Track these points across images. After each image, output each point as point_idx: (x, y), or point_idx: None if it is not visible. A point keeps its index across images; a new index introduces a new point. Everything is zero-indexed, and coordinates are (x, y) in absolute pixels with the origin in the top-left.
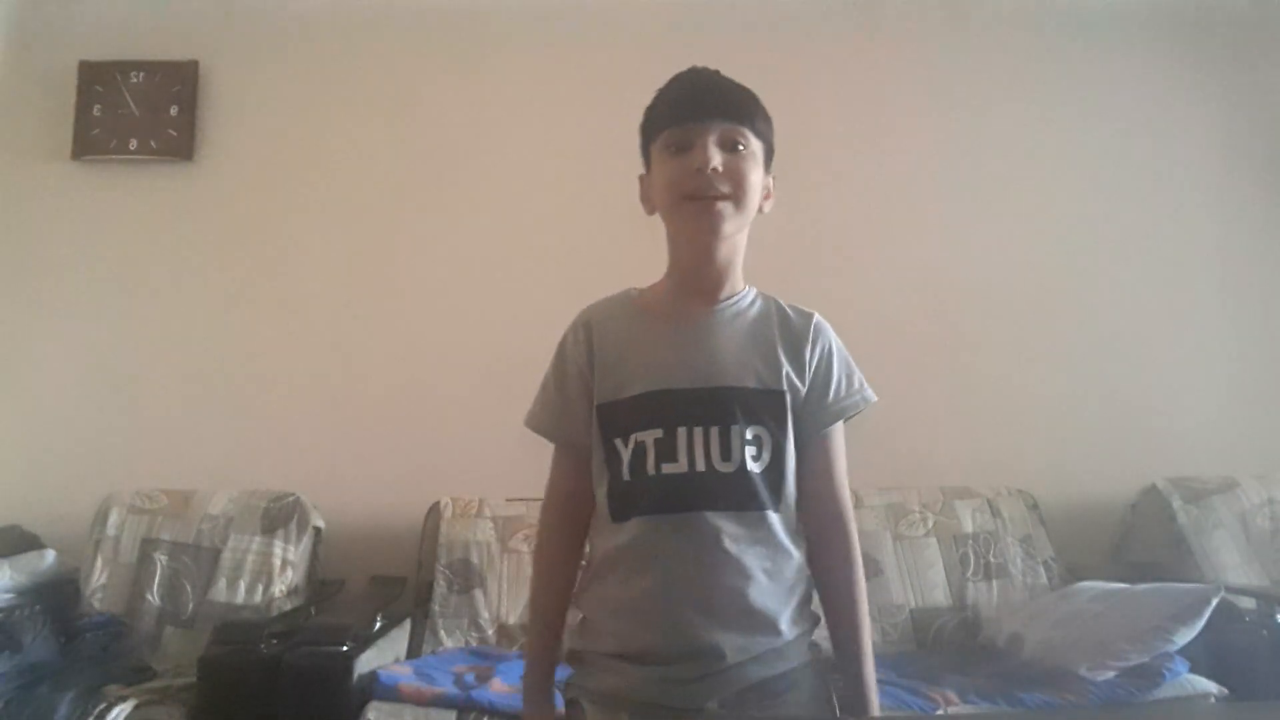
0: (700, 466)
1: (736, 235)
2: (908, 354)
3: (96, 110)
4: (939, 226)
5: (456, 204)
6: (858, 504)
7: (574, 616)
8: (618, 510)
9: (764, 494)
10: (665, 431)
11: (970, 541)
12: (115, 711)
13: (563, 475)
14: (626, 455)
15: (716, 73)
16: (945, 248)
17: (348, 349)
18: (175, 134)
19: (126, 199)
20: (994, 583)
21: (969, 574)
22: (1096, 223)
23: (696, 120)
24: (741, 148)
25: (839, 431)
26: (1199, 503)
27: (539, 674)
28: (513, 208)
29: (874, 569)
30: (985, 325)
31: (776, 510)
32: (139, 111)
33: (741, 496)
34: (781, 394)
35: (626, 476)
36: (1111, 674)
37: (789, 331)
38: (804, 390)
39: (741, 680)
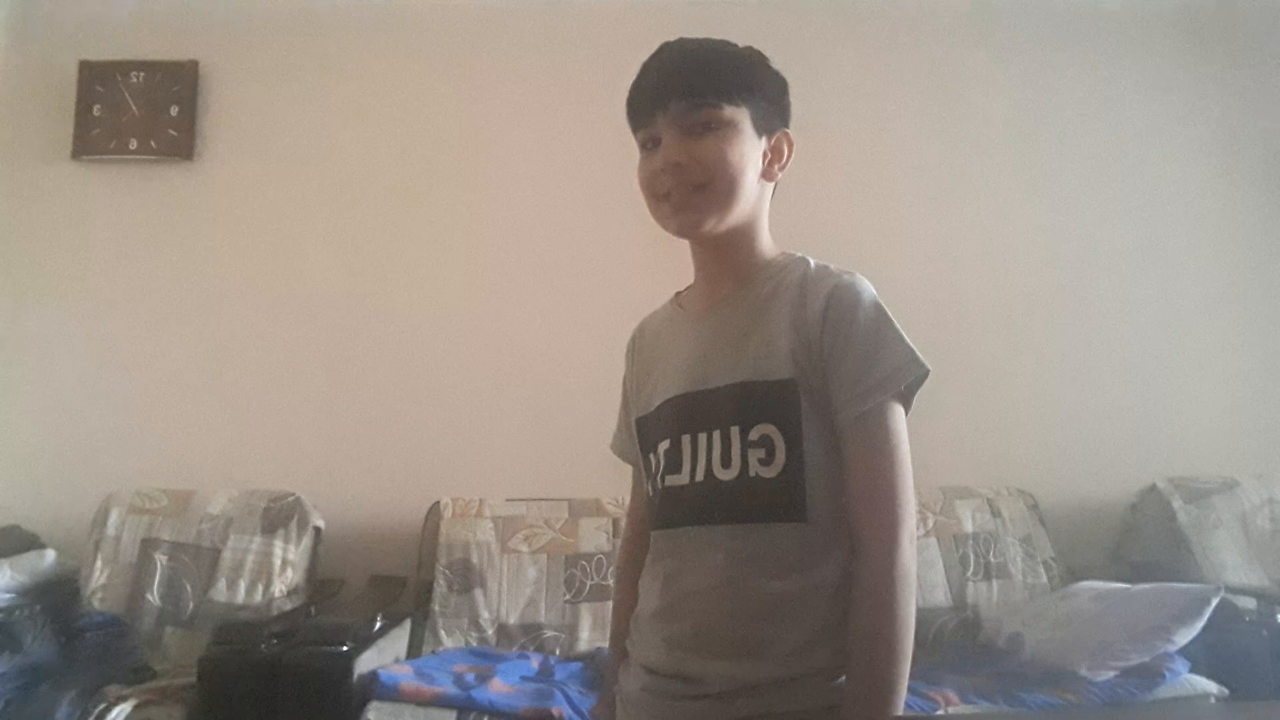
0: (699, 476)
1: (734, 218)
2: None
3: (96, 110)
4: (938, 226)
5: (457, 204)
6: None
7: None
8: (651, 525)
9: (777, 503)
10: (672, 441)
11: (970, 541)
12: (115, 711)
13: (633, 497)
14: (652, 468)
15: (683, 44)
16: (945, 247)
17: (348, 349)
18: (175, 134)
19: (126, 199)
20: (994, 583)
21: (969, 574)
22: (1097, 222)
23: (655, 111)
24: (713, 126)
25: (872, 422)
26: (1199, 503)
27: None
28: (514, 207)
29: None
30: (985, 325)
31: (798, 521)
32: (139, 111)
33: (745, 508)
34: (789, 382)
35: (649, 491)
36: (1111, 674)
37: (801, 303)
38: (817, 372)
39: (729, 712)
